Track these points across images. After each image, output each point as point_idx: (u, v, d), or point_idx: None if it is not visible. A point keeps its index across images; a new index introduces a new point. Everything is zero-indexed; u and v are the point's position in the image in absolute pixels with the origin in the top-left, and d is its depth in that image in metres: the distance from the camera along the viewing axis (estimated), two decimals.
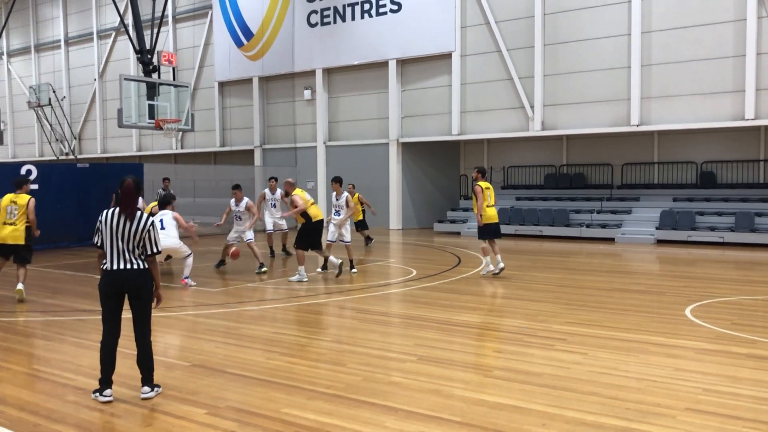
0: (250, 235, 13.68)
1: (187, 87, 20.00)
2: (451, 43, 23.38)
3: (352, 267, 13.40)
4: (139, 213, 5.77)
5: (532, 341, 7.58)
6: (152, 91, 18.23)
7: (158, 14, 20.18)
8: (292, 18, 27.16)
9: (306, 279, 12.10)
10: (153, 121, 18.15)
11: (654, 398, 5.54)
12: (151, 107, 18.14)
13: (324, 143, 26.98)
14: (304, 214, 12.29)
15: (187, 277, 11.71)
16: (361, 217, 18.42)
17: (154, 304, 5.82)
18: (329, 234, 13.53)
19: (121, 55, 34.46)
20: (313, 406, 5.44)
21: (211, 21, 30.11)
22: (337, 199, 13.68)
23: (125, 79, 18.16)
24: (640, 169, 22.40)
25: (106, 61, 35.42)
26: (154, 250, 5.73)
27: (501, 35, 22.35)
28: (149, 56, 18.90)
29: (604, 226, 20.54)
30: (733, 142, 20.77)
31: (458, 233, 22.41)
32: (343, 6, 25.76)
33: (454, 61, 23.40)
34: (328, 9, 26.19)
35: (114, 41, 34.94)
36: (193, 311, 9.63)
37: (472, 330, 8.25)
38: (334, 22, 26.08)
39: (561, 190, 23.15)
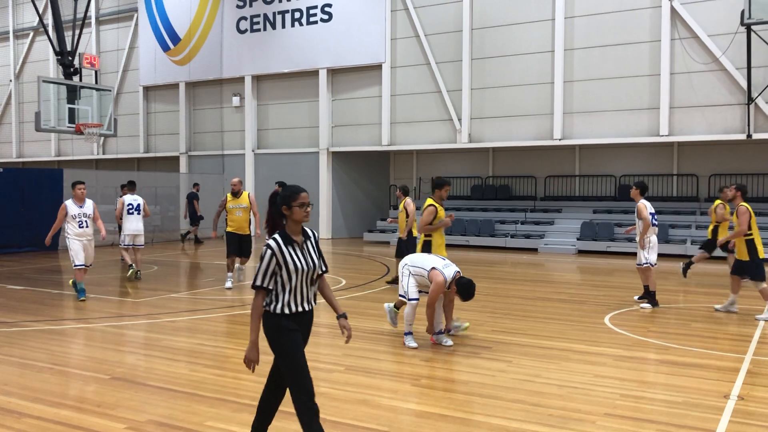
0: None
1: (110, 91, 19.40)
2: (381, 55, 23.57)
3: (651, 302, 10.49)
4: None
5: (458, 350, 7.68)
6: (73, 94, 17.61)
7: (80, 15, 19.51)
8: (221, 24, 26.78)
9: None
10: (73, 125, 17.52)
11: (575, 404, 5.72)
12: (72, 111, 17.51)
13: (253, 151, 26.66)
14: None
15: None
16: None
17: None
18: (647, 256, 10.49)
19: (39, 55, 33.07)
20: (239, 419, 5.34)
21: (136, 24, 29.34)
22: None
23: (44, 81, 17.47)
24: (562, 181, 23.15)
25: (24, 62, 33.93)
26: (252, 283, 4.30)
27: (430, 48, 22.70)
28: (70, 58, 18.24)
29: (527, 237, 21.08)
30: (649, 157, 21.75)
31: (388, 243, 22.52)
32: (274, 14, 25.60)
33: (384, 73, 23.59)
34: (258, 16, 25.96)
35: (32, 41, 33.53)
36: (114, 322, 9.32)
37: (399, 339, 8.29)
38: (264, 29, 25.87)
39: (487, 201, 23.64)
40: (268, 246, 4.21)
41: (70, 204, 11.06)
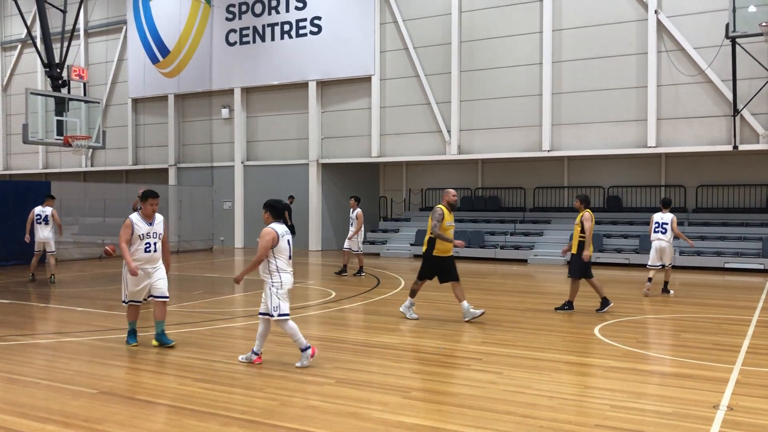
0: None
1: (98, 103, 19.32)
2: (370, 67, 23.64)
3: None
4: None
5: (449, 361, 7.66)
6: (61, 106, 17.52)
7: (69, 27, 19.46)
8: (210, 36, 26.80)
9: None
10: (61, 137, 17.41)
11: (565, 416, 5.71)
12: (60, 123, 17.41)
13: (242, 163, 26.62)
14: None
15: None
16: None
17: None
18: None
19: (27, 67, 32.97)
20: None
21: (125, 36, 29.31)
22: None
23: (32, 93, 17.38)
24: (551, 192, 23.24)
25: (11, 74, 33.81)
26: None
27: (419, 61, 22.80)
28: (58, 70, 18.15)
29: (517, 248, 21.12)
30: (637, 168, 21.89)
31: (378, 254, 22.50)
32: (263, 26, 25.65)
33: (373, 85, 23.66)
34: (248, 28, 26.00)
35: (20, 53, 33.42)
36: (100, 335, 9.23)
37: (390, 351, 8.27)
38: (254, 41, 25.91)
39: (476, 213, 23.69)
40: None
41: (137, 219, 8.15)
